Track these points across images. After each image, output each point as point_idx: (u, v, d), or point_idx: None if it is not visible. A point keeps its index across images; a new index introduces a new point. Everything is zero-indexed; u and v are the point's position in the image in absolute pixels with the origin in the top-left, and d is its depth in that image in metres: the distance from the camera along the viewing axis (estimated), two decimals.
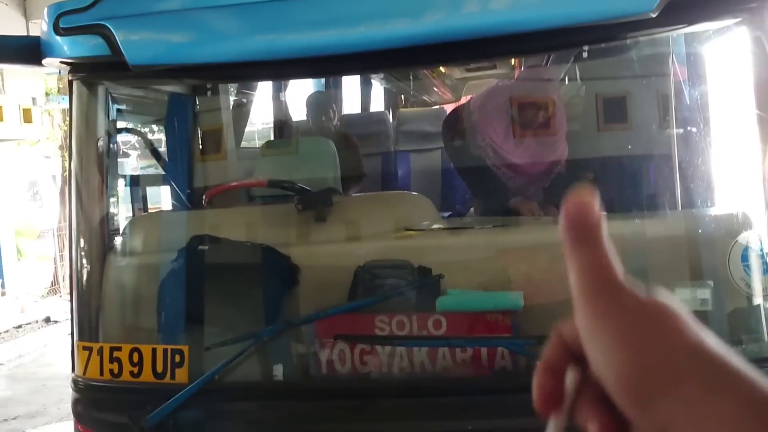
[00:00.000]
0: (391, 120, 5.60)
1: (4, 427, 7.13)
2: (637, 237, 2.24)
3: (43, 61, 2.44)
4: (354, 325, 2.30)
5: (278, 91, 5.00)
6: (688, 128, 2.38)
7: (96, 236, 2.63)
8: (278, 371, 2.32)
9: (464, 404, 2.12)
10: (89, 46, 2.32)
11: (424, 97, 9.35)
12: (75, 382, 2.49)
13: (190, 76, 2.61)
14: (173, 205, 3.35)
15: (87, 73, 2.55)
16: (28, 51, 2.46)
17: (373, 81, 7.11)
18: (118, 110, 3.01)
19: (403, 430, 2.12)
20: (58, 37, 2.35)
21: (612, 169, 2.73)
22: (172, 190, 3.32)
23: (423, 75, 7.07)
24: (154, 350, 2.32)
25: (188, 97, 3.53)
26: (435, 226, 2.57)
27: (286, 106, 4.87)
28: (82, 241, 2.61)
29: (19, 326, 10.70)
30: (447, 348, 2.22)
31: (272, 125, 5.01)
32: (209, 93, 3.59)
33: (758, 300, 2.12)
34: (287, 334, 2.31)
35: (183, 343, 2.33)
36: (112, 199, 2.73)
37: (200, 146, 3.56)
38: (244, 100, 4.46)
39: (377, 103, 7.54)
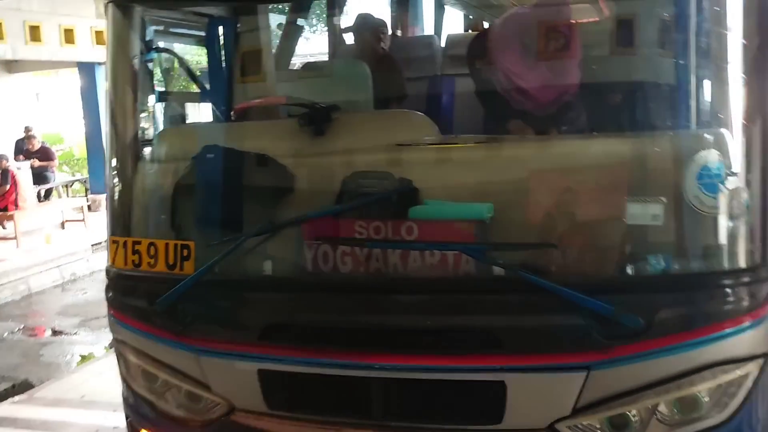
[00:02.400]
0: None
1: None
2: (607, 157, 2.36)
3: None
4: (336, 229, 2.53)
5: (331, 15, 5.17)
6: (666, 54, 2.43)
7: (127, 146, 2.96)
8: (268, 267, 2.60)
9: (422, 302, 2.34)
10: None
11: None
12: (107, 271, 2.87)
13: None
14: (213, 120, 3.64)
15: None
16: None
17: (446, 4, 7.10)
18: (157, 32, 3.30)
19: (369, 323, 2.35)
20: None
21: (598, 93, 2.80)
22: (211, 107, 3.62)
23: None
24: (166, 245, 2.65)
25: (229, 19, 3.77)
26: (427, 142, 2.72)
27: (339, 30, 5.01)
28: (115, 150, 2.96)
29: None
30: (417, 252, 2.42)
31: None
32: (249, 15, 3.79)
33: (710, 217, 2.19)
34: (278, 234, 2.57)
35: (190, 239, 2.63)
36: (143, 114, 3.05)
37: (240, 67, 3.79)
38: (295, 23, 4.65)
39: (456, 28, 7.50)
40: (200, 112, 3.62)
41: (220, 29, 3.67)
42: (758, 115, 2.21)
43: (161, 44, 3.27)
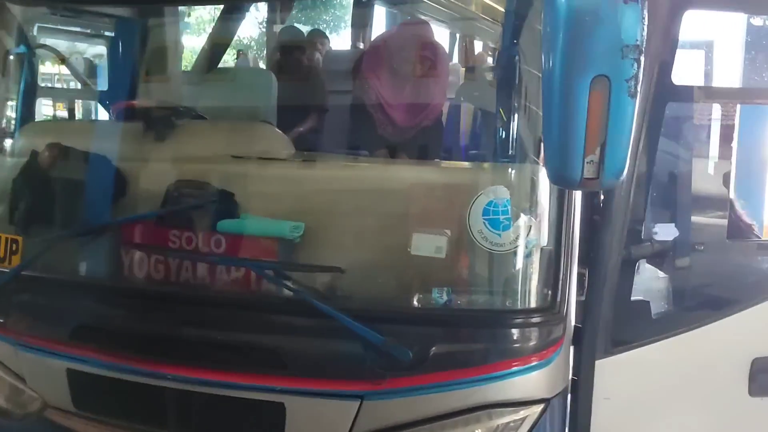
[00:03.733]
0: None
1: None
2: (404, 184, 2.36)
3: None
4: (153, 236, 2.54)
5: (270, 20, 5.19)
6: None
7: None
8: (84, 268, 2.62)
9: (216, 316, 2.33)
10: None
11: None
12: None
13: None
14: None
15: None
16: None
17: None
18: (41, 28, 3.35)
19: (166, 333, 2.35)
20: None
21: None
22: (104, 106, 3.66)
23: None
24: None
25: (136, 21, 3.80)
26: (265, 156, 2.71)
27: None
28: None
29: None
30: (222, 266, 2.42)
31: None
32: (157, 18, 3.82)
33: (494, 254, 2.16)
34: (96, 236, 2.58)
35: (20, 234, 2.67)
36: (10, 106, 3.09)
37: (145, 68, 3.82)
38: (223, 25, 4.68)
39: None
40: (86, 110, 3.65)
41: (127, 30, 3.72)
42: None
43: (45, 40, 3.32)
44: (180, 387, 2.35)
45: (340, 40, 6.50)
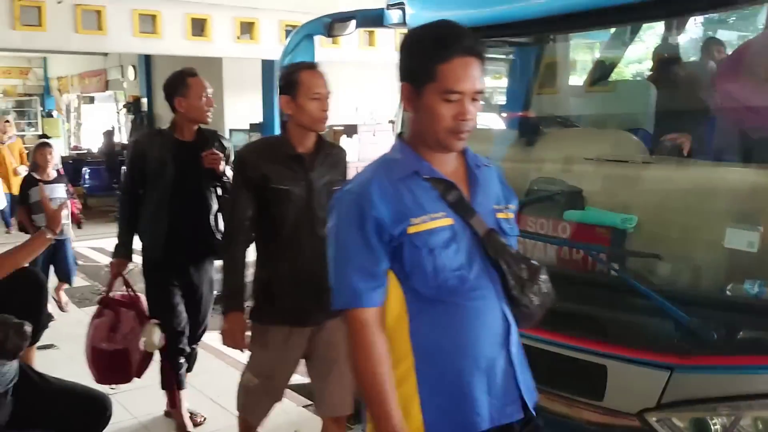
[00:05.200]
0: None
1: None
2: (724, 184, 2.56)
3: (385, 24, 3.82)
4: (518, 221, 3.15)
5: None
6: None
7: None
8: None
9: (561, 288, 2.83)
10: (398, 16, 3.62)
11: None
12: None
13: None
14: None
15: None
16: (378, 19, 3.87)
17: None
18: None
19: None
20: (387, 11, 3.71)
21: None
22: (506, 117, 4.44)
23: None
24: None
25: (532, 46, 4.48)
26: (611, 159, 3.10)
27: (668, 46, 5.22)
28: None
29: None
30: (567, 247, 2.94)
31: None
32: (549, 43, 4.43)
33: None
34: None
35: None
36: None
37: (538, 84, 4.48)
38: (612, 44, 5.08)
39: None
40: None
41: (525, 54, 4.42)
42: None
43: None
44: (532, 344, 2.92)
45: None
